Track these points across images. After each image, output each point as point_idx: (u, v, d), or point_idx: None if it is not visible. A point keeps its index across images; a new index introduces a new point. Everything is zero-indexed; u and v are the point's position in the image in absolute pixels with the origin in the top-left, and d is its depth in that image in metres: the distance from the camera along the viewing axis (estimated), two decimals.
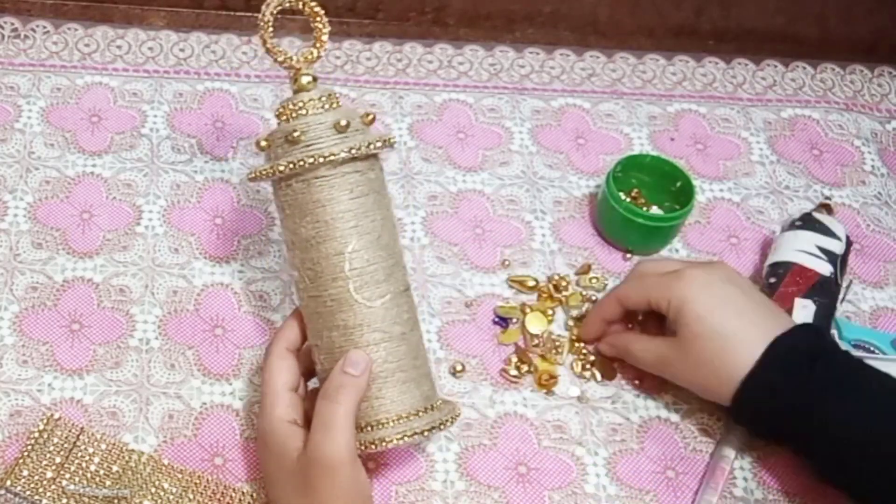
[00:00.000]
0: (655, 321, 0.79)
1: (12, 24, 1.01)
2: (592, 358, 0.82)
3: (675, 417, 0.80)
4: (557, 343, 0.82)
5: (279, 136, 0.69)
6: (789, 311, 0.80)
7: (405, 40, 1.04)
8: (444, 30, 1.05)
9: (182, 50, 1.00)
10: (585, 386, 0.81)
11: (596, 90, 1.02)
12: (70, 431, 0.73)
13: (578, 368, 0.81)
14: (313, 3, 0.72)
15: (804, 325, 0.74)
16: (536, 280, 0.85)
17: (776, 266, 0.83)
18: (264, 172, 0.69)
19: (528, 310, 0.84)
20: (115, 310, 0.82)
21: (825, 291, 0.81)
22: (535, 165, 0.95)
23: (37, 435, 0.73)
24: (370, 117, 0.70)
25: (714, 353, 0.72)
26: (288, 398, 0.69)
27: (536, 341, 0.82)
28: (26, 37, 1.00)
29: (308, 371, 0.72)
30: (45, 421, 0.73)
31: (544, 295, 0.85)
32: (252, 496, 0.73)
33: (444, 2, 1.04)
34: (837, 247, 0.83)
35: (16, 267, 0.83)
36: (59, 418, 0.74)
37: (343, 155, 0.67)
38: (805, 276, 0.82)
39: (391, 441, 0.67)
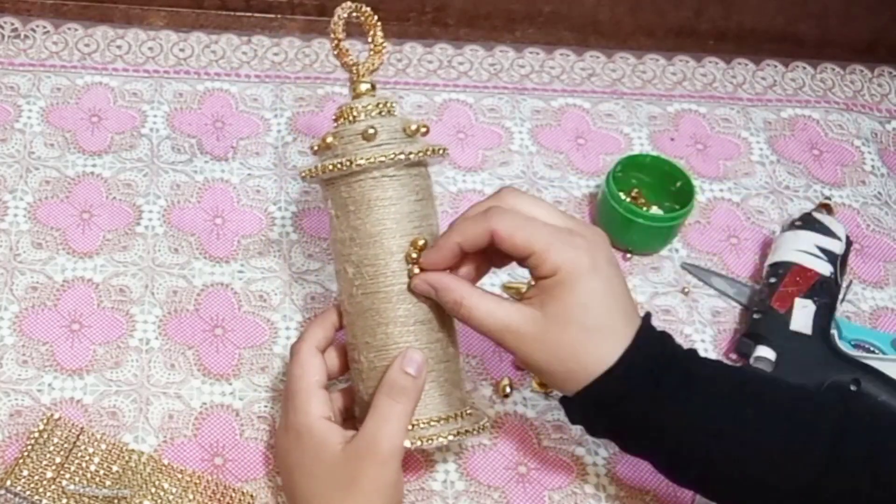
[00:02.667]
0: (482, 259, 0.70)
1: (12, 24, 1.01)
2: None
3: None
4: None
5: (351, 133, 0.70)
6: (789, 312, 0.80)
7: (405, 40, 1.04)
8: (444, 30, 1.05)
9: (182, 50, 1.00)
10: None
11: (596, 90, 1.02)
12: (70, 431, 0.73)
13: None
14: (375, 17, 0.73)
15: (650, 327, 0.67)
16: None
17: (776, 266, 0.83)
18: (336, 167, 0.69)
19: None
20: (115, 310, 0.82)
21: (825, 291, 0.81)
22: (535, 165, 0.95)
23: (37, 435, 0.73)
24: (426, 129, 0.72)
25: (580, 344, 0.64)
26: (322, 395, 0.70)
27: None
28: (26, 37, 1.00)
29: (335, 371, 0.73)
30: (45, 421, 0.73)
31: None
32: (252, 496, 0.73)
33: (444, 2, 1.04)
34: (837, 247, 0.84)
35: (16, 267, 0.83)
36: (59, 418, 0.74)
37: (418, 156, 0.69)
38: (805, 276, 0.82)
39: (441, 438, 0.68)
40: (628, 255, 0.89)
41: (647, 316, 0.67)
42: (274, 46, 1.02)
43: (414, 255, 0.68)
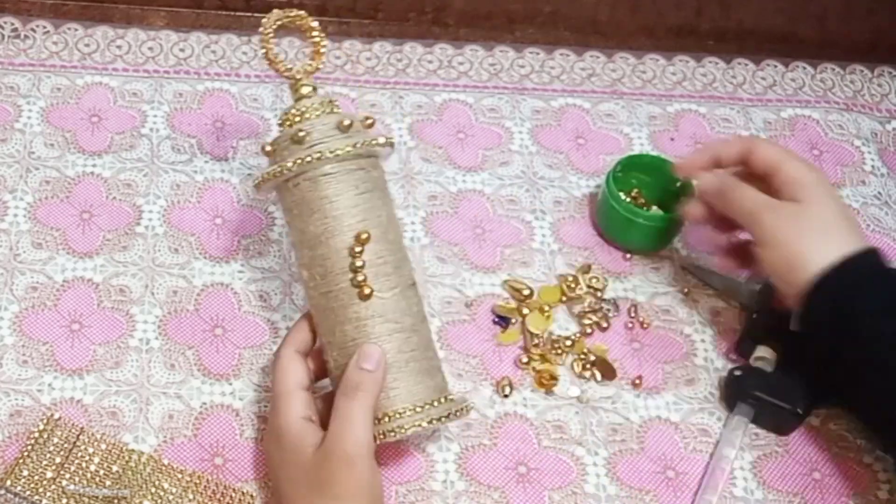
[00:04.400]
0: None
1: (12, 24, 1.00)
2: (593, 358, 0.82)
3: (675, 417, 0.80)
4: (557, 343, 0.82)
5: (284, 139, 0.71)
6: (787, 311, 0.80)
7: (405, 40, 1.04)
8: (444, 30, 1.05)
9: (182, 50, 1.00)
10: (585, 386, 0.81)
11: (596, 90, 1.02)
12: (70, 431, 0.73)
13: (578, 368, 0.81)
14: (310, 19, 0.74)
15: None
16: (531, 289, 0.85)
17: None
18: (271, 174, 0.70)
19: (526, 309, 0.84)
20: (115, 310, 0.82)
21: None
22: (535, 165, 0.95)
23: (37, 435, 0.73)
24: (370, 121, 0.72)
25: (832, 222, 0.73)
26: (302, 396, 0.70)
27: (536, 341, 0.82)
28: (26, 37, 1.00)
29: (319, 373, 0.73)
30: (45, 421, 0.73)
31: (535, 308, 0.84)
32: (252, 496, 0.73)
33: (444, 2, 1.04)
34: None
35: (16, 267, 0.83)
36: (59, 418, 0.74)
37: (349, 150, 0.69)
38: None
39: (408, 429, 0.68)
40: (628, 256, 0.89)
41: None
42: (275, 46, 1.01)
43: (357, 249, 0.68)
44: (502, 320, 0.84)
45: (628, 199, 0.90)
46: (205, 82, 0.98)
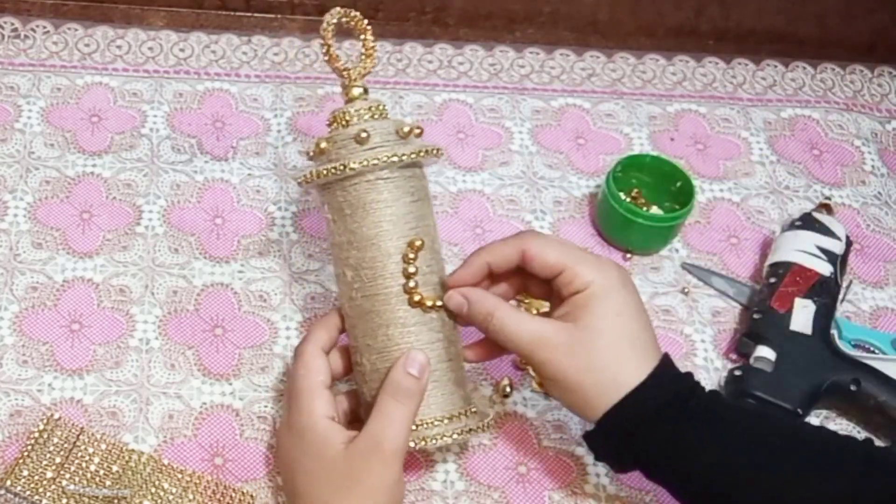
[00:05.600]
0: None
1: (12, 24, 1.01)
2: None
3: None
4: None
5: (344, 138, 0.70)
6: (789, 312, 0.80)
7: (405, 40, 1.04)
8: (444, 30, 1.05)
9: (182, 50, 1.00)
10: None
11: (596, 90, 1.02)
12: (70, 431, 0.73)
13: None
14: (364, 21, 0.74)
15: (670, 361, 0.68)
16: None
17: (776, 266, 0.84)
18: (331, 171, 0.69)
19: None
20: (115, 310, 0.82)
21: (825, 291, 0.82)
22: (535, 165, 0.95)
23: (37, 435, 0.73)
24: (419, 130, 0.72)
25: (613, 355, 0.65)
26: (326, 395, 0.70)
27: None
28: (26, 37, 1.00)
29: (339, 372, 0.73)
30: (45, 421, 0.73)
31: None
32: (252, 496, 0.73)
33: (444, 2, 1.04)
34: (837, 247, 0.84)
35: (16, 267, 0.83)
36: (59, 418, 0.74)
37: (412, 156, 0.69)
38: (805, 276, 0.82)
39: (446, 437, 0.69)
40: (628, 255, 0.89)
41: (666, 354, 0.68)
42: (274, 46, 1.02)
43: (411, 256, 0.68)
44: None
45: (628, 199, 0.90)
46: (205, 82, 0.98)
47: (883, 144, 1.00)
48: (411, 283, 0.69)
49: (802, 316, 0.80)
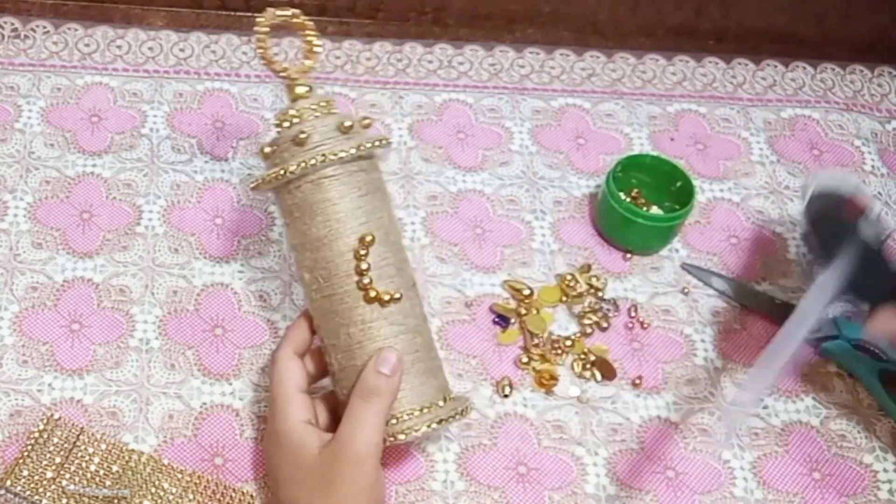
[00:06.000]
0: None
1: (12, 24, 1.01)
2: (593, 358, 0.82)
3: (675, 417, 0.80)
4: (557, 343, 0.82)
5: (285, 141, 0.70)
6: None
7: (405, 40, 1.04)
8: (444, 30, 1.05)
9: (182, 50, 1.00)
10: (585, 386, 0.81)
11: (596, 90, 1.02)
12: (70, 431, 0.73)
13: (578, 368, 0.81)
14: (304, 18, 0.74)
15: None
16: (531, 289, 0.85)
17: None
18: (272, 177, 0.70)
19: (524, 309, 0.84)
20: (115, 310, 0.82)
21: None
22: (535, 165, 0.95)
23: (37, 435, 0.73)
24: (367, 121, 0.72)
25: None
26: (301, 399, 0.70)
27: (536, 341, 0.82)
28: (26, 37, 1.00)
29: (317, 374, 0.73)
30: (45, 421, 0.73)
31: (532, 309, 0.84)
32: (252, 496, 0.73)
33: (444, 2, 1.04)
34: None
35: (16, 267, 0.83)
36: (59, 418, 0.74)
37: (352, 152, 0.68)
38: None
39: (419, 429, 0.68)
40: (628, 255, 0.89)
41: None
42: (274, 46, 1.01)
43: (362, 252, 0.68)
44: (502, 320, 0.84)
45: (628, 199, 0.90)
46: (205, 82, 0.98)
47: (883, 144, 1.00)
48: (365, 280, 0.68)
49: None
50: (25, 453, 0.72)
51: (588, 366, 0.81)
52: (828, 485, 0.77)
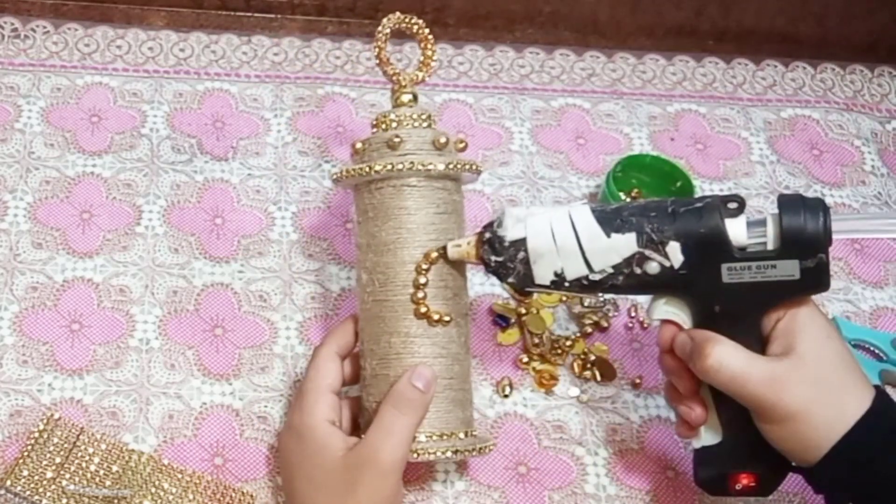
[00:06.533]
0: None
1: (12, 24, 1.01)
2: (593, 358, 0.82)
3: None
4: (557, 343, 0.82)
5: (378, 141, 0.71)
6: None
7: (405, 40, 1.04)
8: (444, 30, 1.05)
9: (182, 50, 1.00)
10: (585, 386, 0.81)
11: (596, 90, 1.02)
12: (70, 431, 0.73)
13: (578, 368, 0.81)
14: (426, 29, 0.74)
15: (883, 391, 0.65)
16: None
17: None
18: (358, 171, 0.70)
19: (524, 309, 0.84)
20: (115, 310, 0.82)
21: None
22: (535, 165, 0.95)
23: (37, 435, 0.73)
24: (463, 144, 0.72)
25: (837, 379, 0.62)
26: (331, 399, 0.69)
27: (536, 341, 0.82)
28: (26, 37, 1.00)
29: (351, 378, 0.73)
30: (45, 421, 0.73)
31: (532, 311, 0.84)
32: (252, 496, 0.73)
33: (444, 2, 1.05)
34: None
35: (16, 267, 0.83)
36: (59, 418, 0.74)
37: (440, 168, 0.69)
38: None
39: (433, 453, 0.68)
40: None
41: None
42: (274, 46, 1.02)
43: (424, 267, 0.68)
44: (502, 320, 0.84)
45: (628, 200, 0.90)
46: (205, 82, 0.98)
47: (883, 144, 1.00)
48: (420, 294, 0.68)
49: None
50: (25, 453, 0.72)
51: (588, 366, 0.81)
52: None
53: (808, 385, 0.62)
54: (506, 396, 0.80)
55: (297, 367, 0.80)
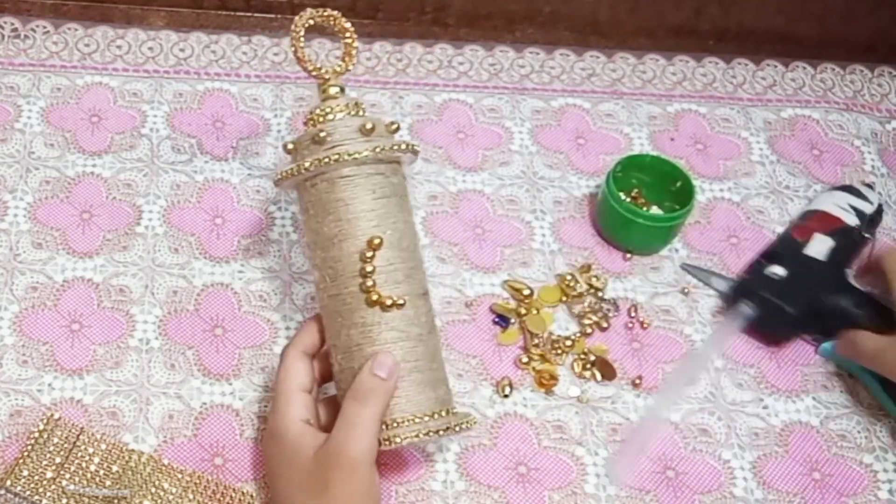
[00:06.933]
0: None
1: (12, 24, 1.01)
2: (593, 358, 0.82)
3: (675, 417, 0.80)
4: (557, 343, 0.82)
5: (306, 139, 0.71)
6: (807, 241, 0.84)
7: (405, 40, 1.04)
8: (444, 30, 1.05)
9: (182, 50, 1.00)
10: (585, 386, 0.81)
11: (596, 90, 1.02)
12: (70, 431, 0.73)
13: (578, 368, 0.81)
14: (343, 20, 0.74)
15: None
16: (531, 289, 0.85)
17: (806, 213, 0.89)
18: (290, 172, 0.70)
19: (524, 309, 0.84)
20: (115, 310, 0.82)
21: (847, 237, 0.85)
22: (535, 165, 0.95)
23: (37, 435, 0.73)
24: (395, 126, 0.72)
25: None
26: (302, 398, 0.70)
27: (536, 341, 0.82)
28: (26, 37, 1.00)
29: (323, 376, 0.73)
30: (45, 421, 0.73)
31: (533, 310, 0.84)
32: (252, 496, 0.73)
33: (444, 2, 1.04)
34: (868, 208, 0.88)
35: (16, 267, 0.83)
36: (59, 418, 0.74)
37: (367, 154, 0.68)
38: (829, 220, 0.86)
39: (405, 439, 0.67)
40: (628, 255, 0.89)
41: None
42: (274, 46, 1.02)
43: (368, 255, 0.68)
44: (502, 320, 0.84)
45: (628, 199, 0.90)
46: (205, 82, 0.98)
47: (883, 144, 1.00)
48: (368, 282, 0.68)
49: (819, 245, 0.83)
50: (25, 453, 0.72)
51: (588, 366, 0.81)
52: (828, 485, 0.77)
53: None
54: (506, 396, 0.80)
55: None
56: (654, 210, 0.90)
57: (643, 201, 0.91)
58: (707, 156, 0.98)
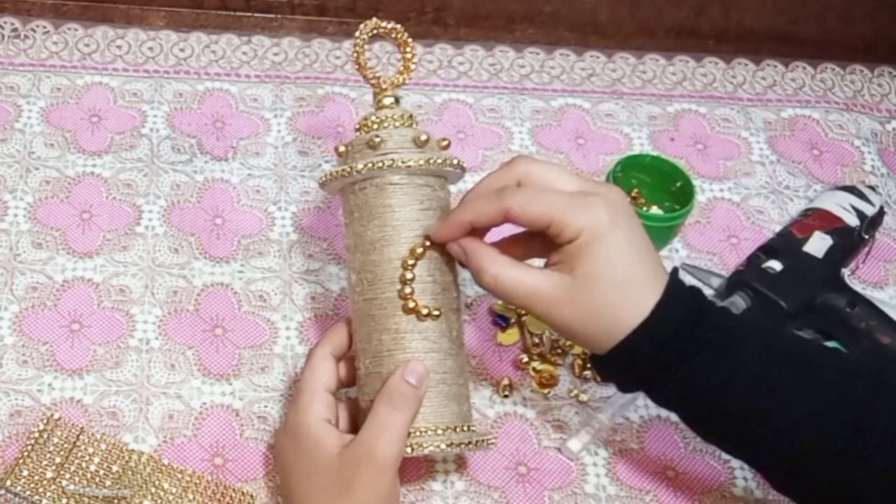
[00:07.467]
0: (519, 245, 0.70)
1: (12, 24, 1.01)
2: None
3: (675, 417, 0.80)
4: (557, 343, 0.82)
5: (360, 143, 0.71)
6: (806, 238, 0.85)
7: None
8: (444, 30, 1.05)
9: (182, 50, 1.00)
10: (585, 386, 0.81)
11: (596, 90, 1.02)
12: (70, 431, 0.73)
13: (578, 368, 0.81)
14: (405, 34, 0.74)
15: (678, 281, 0.66)
16: None
17: (807, 210, 0.89)
18: (340, 173, 0.70)
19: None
20: (115, 310, 0.82)
21: (846, 237, 0.86)
22: None
23: (37, 435, 0.73)
24: (445, 142, 0.73)
25: (611, 300, 0.63)
26: (326, 398, 0.70)
27: (536, 341, 0.82)
28: (26, 37, 1.00)
29: (348, 380, 0.73)
30: (45, 421, 0.73)
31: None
32: (252, 496, 0.73)
33: (444, 2, 1.04)
34: (869, 210, 0.88)
35: (16, 267, 0.83)
36: (59, 418, 0.74)
37: (420, 164, 0.69)
38: (830, 218, 0.87)
39: (426, 447, 0.68)
40: None
41: (675, 270, 0.67)
42: (274, 46, 1.02)
43: (410, 262, 0.68)
44: (502, 320, 0.84)
45: (628, 200, 0.90)
46: (205, 82, 0.98)
47: (883, 144, 1.00)
48: (407, 290, 0.68)
49: (818, 243, 0.84)
50: (25, 453, 0.72)
51: (588, 366, 0.81)
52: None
53: (578, 305, 0.64)
54: (506, 396, 0.80)
55: (296, 367, 0.80)
56: (654, 210, 0.90)
57: (643, 201, 0.91)
58: (707, 156, 0.98)
